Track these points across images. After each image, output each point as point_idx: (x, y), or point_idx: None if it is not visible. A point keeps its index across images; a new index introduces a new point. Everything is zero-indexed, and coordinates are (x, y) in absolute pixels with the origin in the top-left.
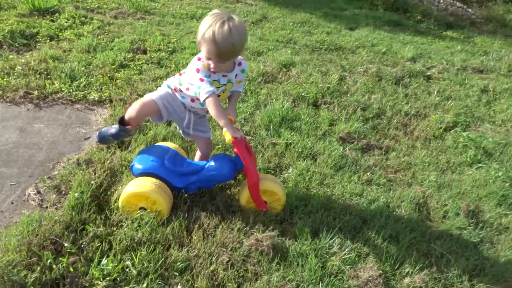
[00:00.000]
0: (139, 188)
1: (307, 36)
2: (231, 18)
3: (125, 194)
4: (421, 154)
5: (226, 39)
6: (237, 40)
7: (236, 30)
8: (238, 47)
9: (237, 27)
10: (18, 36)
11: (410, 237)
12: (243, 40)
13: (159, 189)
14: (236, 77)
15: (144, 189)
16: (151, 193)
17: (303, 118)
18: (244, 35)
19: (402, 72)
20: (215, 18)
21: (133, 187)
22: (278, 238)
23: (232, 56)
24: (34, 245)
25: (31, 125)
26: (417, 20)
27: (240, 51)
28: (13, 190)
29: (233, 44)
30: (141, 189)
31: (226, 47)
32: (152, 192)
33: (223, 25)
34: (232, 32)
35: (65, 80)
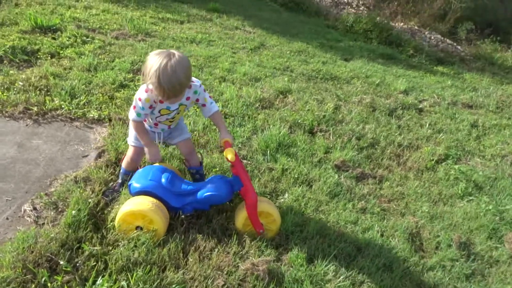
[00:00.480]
0: (136, 206)
1: (304, 64)
2: (173, 56)
3: (122, 212)
4: (414, 184)
5: (171, 81)
6: (182, 78)
7: (180, 67)
8: (184, 84)
9: (179, 65)
10: (19, 52)
11: (403, 267)
12: (187, 76)
13: (157, 208)
14: (188, 99)
15: (141, 207)
16: (148, 212)
17: (299, 145)
18: (187, 72)
19: (395, 103)
20: (159, 58)
21: (130, 206)
22: (274, 263)
23: (180, 93)
24: (29, 262)
25: (29, 141)
26: (409, 54)
27: (185, 86)
28: (9, 206)
29: (180, 83)
30: (138, 208)
31: (172, 88)
32: (149, 211)
33: (166, 67)
34: (176, 71)
35: (65, 97)
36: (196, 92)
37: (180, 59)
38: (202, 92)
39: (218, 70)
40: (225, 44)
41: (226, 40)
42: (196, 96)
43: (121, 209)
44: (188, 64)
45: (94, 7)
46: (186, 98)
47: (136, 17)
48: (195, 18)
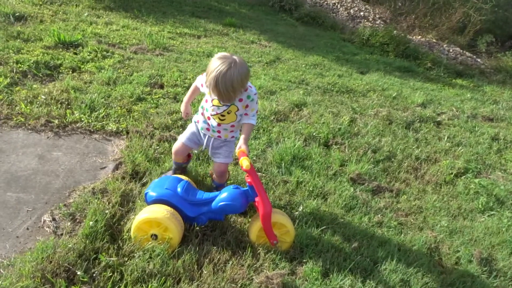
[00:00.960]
0: (152, 214)
1: (319, 78)
2: (234, 64)
3: (137, 220)
4: (432, 198)
5: (228, 88)
6: (237, 86)
7: (237, 76)
8: (238, 90)
9: (237, 74)
10: (42, 66)
11: (422, 282)
12: (243, 84)
13: (172, 216)
14: (240, 101)
15: (157, 215)
16: (163, 219)
17: (314, 158)
18: (243, 80)
19: (413, 116)
20: (221, 64)
21: (146, 214)
22: (288, 277)
23: (233, 98)
24: (47, 272)
25: (50, 153)
26: (427, 67)
27: (239, 92)
28: (29, 216)
29: (234, 91)
30: (154, 215)
31: (227, 93)
32: (165, 219)
33: (226, 75)
34: (233, 80)
35: (85, 110)
36: (249, 97)
37: (240, 68)
38: (255, 102)
39: None
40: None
41: (242, 54)
42: (248, 101)
43: (136, 217)
44: (245, 73)
45: (115, 23)
46: (239, 99)
47: (154, 32)
48: (212, 32)
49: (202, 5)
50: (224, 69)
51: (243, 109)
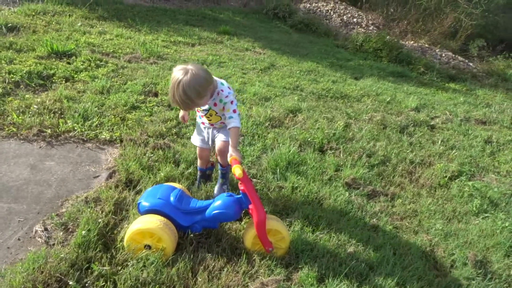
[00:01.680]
0: (144, 225)
1: (314, 84)
2: (187, 73)
3: (130, 231)
4: (426, 202)
5: (182, 98)
6: (191, 95)
7: (191, 85)
8: (195, 99)
9: (189, 83)
10: (35, 76)
11: (417, 286)
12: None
13: (165, 227)
14: (215, 105)
15: (150, 226)
16: (156, 230)
17: (309, 163)
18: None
19: (407, 121)
20: (176, 74)
21: (138, 224)
22: (284, 283)
23: (192, 107)
24: (38, 283)
25: (42, 162)
26: (420, 72)
27: (197, 101)
28: (21, 226)
29: (190, 99)
30: (146, 226)
31: (183, 102)
32: (158, 229)
33: (179, 85)
34: (185, 89)
35: (78, 119)
36: (222, 100)
37: (194, 77)
38: (229, 103)
39: None
40: (235, 65)
41: (237, 61)
42: (222, 105)
43: (129, 228)
44: (200, 81)
45: (108, 32)
46: (213, 103)
47: (148, 40)
48: (206, 40)
49: (196, 14)
50: (178, 79)
51: (221, 112)
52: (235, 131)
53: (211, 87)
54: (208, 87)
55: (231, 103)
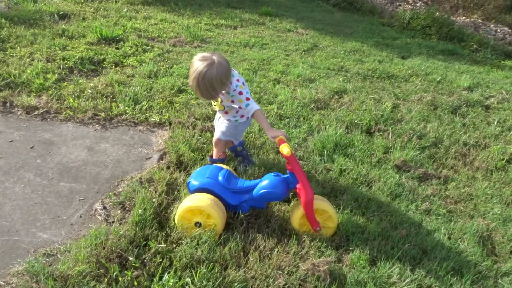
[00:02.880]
0: (194, 202)
1: (359, 64)
2: (212, 64)
3: (181, 209)
4: (482, 185)
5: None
6: (216, 86)
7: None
8: (217, 89)
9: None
10: (87, 62)
11: (474, 271)
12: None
13: (214, 204)
14: (222, 94)
15: (199, 203)
16: (205, 207)
17: (356, 145)
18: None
19: (459, 101)
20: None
21: (188, 202)
22: (335, 264)
23: (213, 97)
24: (101, 257)
25: (98, 144)
26: (473, 49)
27: (219, 91)
28: (82, 205)
29: (214, 90)
30: (196, 204)
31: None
32: (207, 206)
33: (205, 76)
34: (212, 80)
35: (129, 103)
36: (229, 93)
37: (218, 67)
38: (237, 95)
39: (271, 73)
40: (278, 47)
41: (279, 42)
42: (230, 97)
43: (179, 206)
44: (224, 72)
45: (153, 17)
46: (221, 94)
47: (191, 24)
48: (248, 22)
49: None
50: (204, 69)
51: (228, 102)
52: (259, 114)
53: (230, 79)
54: (230, 76)
55: (239, 94)
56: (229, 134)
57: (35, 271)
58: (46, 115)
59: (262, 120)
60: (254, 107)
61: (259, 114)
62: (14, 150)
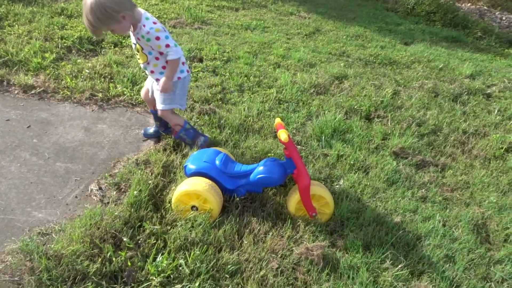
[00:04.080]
0: (191, 186)
1: (361, 49)
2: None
3: (177, 192)
4: (480, 173)
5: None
6: (90, 18)
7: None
8: (93, 23)
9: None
10: (85, 42)
11: (467, 258)
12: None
13: (211, 188)
14: (138, 39)
15: (196, 187)
16: (202, 191)
17: (355, 131)
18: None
19: (460, 89)
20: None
21: (185, 186)
22: (329, 249)
23: (94, 32)
24: (96, 237)
25: (95, 125)
26: (477, 37)
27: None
28: (77, 185)
29: (89, 22)
30: (193, 188)
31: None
32: (204, 191)
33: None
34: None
35: (127, 84)
36: (143, 37)
37: (96, 2)
38: (154, 40)
39: (272, 56)
40: (280, 30)
41: (281, 26)
42: (145, 42)
43: (176, 190)
44: (100, 8)
45: None
46: (137, 38)
47: (193, 5)
48: (250, 5)
49: None
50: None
51: (148, 48)
52: (171, 64)
53: (127, 15)
54: (118, 12)
55: (156, 39)
56: (169, 100)
57: (29, 249)
58: (43, 94)
59: (169, 71)
60: (172, 55)
61: (171, 65)
62: (11, 129)
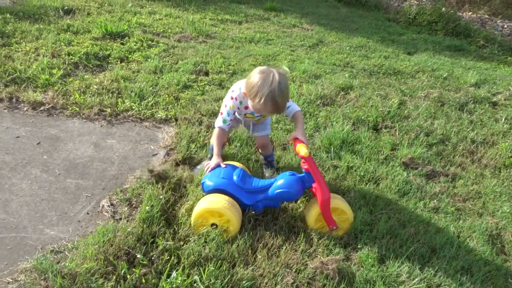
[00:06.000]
0: (213, 204)
1: (365, 60)
2: (276, 76)
3: (199, 209)
4: (491, 183)
5: (282, 100)
6: (279, 99)
7: (286, 89)
8: (280, 104)
9: (286, 87)
10: (92, 57)
11: (484, 270)
12: (284, 97)
13: (231, 206)
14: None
15: (218, 205)
16: (224, 210)
17: (363, 142)
18: (285, 92)
19: (466, 97)
20: (267, 78)
21: (207, 204)
22: (343, 262)
23: (283, 110)
24: (109, 255)
25: (104, 141)
26: (480, 45)
27: (282, 106)
28: (89, 201)
29: (277, 103)
30: (216, 206)
31: (283, 101)
32: (226, 210)
33: (276, 88)
34: (283, 92)
35: (135, 99)
36: None
37: (284, 75)
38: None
39: None
40: (283, 43)
41: (284, 38)
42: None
43: (197, 206)
44: (286, 86)
45: (158, 12)
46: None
47: (196, 19)
48: (253, 18)
49: None
50: (275, 83)
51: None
52: (299, 114)
53: None
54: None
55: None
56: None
57: (44, 268)
58: (52, 110)
59: (299, 121)
60: (295, 108)
61: (298, 115)
62: (21, 146)
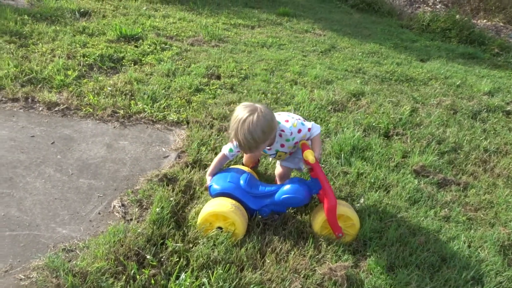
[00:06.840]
0: (219, 208)
1: (377, 66)
2: (255, 112)
3: (205, 212)
4: (504, 193)
5: (246, 137)
6: (257, 137)
7: (258, 126)
8: (260, 141)
9: (258, 123)
10: (106, 59)
11: (495, 281)
12: (265, 134)
13: (237, 210)
14: (282, 146)
15: (224, 209)
16: (229, 213)
17: (374, 148)
18: (265, 130)
19: (479, 106)
20: (243, 112)
21: (213, 207)
22: (352, 269)
23: (255, 148)
24: (120, 255)
25: (117, 142)
26: (494, 53)
27: (261, 143)
28: (100, 202)
29: (254, 140)
30: (221, 209)
31: (247, 142)
32: (231, 213)
33: (245, 123)
34: (253, 129)
35: (147, 101)
36: (288, 140)
37: (262, 117)
38: (297, 134)
39: (289, 74)
40: (295, 48)
41: (296, 43)
42: (291, 143)
43: (203, 209)
44: (267, 123)
45: (171, 16)
46: (280, 145)
47: (209, 23)
48: (266, 22)
49: None
50: (245, 116)
51: (291, 149)
52: (317, 137)
53: (275, 132)
54: (274, 131)
55: (298, 132)
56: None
57: (55, 266)
58: (66, 111)
59: (317, 143)
60: (315, 131)
61: (316, 137)
62: (35, 146)
